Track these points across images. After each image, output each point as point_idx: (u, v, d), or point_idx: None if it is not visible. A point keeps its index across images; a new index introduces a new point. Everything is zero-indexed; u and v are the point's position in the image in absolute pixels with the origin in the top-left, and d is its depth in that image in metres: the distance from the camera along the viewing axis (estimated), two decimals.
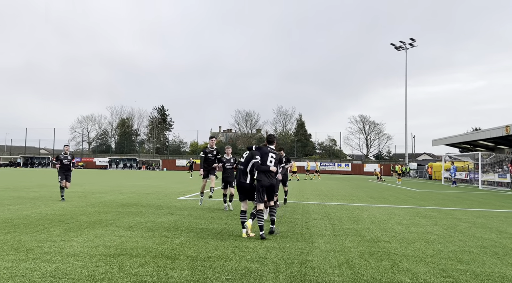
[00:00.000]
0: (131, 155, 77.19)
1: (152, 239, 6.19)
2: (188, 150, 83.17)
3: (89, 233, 6.58)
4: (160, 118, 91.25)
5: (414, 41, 58.55)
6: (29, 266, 4.55)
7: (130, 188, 17.82)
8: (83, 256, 5.02)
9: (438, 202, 14.39)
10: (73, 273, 4.32)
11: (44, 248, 5.42)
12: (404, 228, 7.99)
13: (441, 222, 8.95)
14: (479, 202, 15.00)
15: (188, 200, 12.81)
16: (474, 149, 39.21)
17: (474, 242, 6.69)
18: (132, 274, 4.33)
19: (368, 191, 19.91)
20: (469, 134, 39.80)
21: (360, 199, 14.98)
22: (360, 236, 6.96)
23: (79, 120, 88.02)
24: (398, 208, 12.00)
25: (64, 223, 7.62)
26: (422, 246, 6.18)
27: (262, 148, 6.99)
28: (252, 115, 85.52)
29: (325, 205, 12.13)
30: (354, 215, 9.78)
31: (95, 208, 10.12)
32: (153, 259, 4.99)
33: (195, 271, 4.51)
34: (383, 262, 5.14)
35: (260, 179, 6.74)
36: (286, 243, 6.20)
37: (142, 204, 11.33)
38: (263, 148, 6.97)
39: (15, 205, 10.35)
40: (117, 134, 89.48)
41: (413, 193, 19.42)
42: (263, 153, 6.86)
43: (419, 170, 56.20)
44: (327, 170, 65.40)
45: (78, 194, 14.14)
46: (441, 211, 11.41)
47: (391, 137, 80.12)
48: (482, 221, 9.41)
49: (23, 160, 72.40)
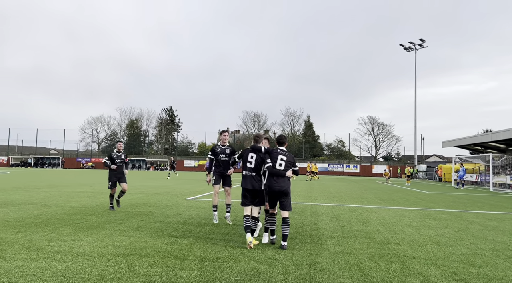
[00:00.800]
0: (140, 155, 77.70)
1: (161, 239, 6.21)
2: (196, 151, 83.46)
3: (99, 233, 6.63)
4: (168, 119, 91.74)
5: (424, 42, 58.05)
6: (40, 265, 4.59)
7: (138, 189, 17.93)
8: (93, 256, 5.05)
9: (449, 204, 14.21)
10: (83, 272, 4.34)
11: (55, 248, 5.47)
12: (414, 230, 7.89)
13: (452, 225, 8.83)
14: (491, 205, 14.77)
15: (196, 201, 12.84)
16: (485, 151, 38.68)
17: (486, 245, 6.58)
18: (141, 274, 4.34)
19: (377, 193, 19.75)
20: (480, 136, 39.28)
21: (369, 200, 14.86)
22: (369, 238, 6.89)
23: (88, 121, 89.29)
24: (408, 210, 11.88)
25: (74, 222, 7.69)
26: (433, 249, 6.10)
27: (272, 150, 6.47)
28: (260, 116, 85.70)
29: (334, 207, 12.06)
30: (363, 217, 9.70)
31: (105, 208, 10.19)
32: (162, 259, 5.00)
33: (204, 271, 4.51)
34: (393, 264, 5.08)
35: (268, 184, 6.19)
36: (295, 244, 6.16)
37: (150, 204, 11.38)
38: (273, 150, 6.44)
39: (26, 205, 10.48)
40: (126, 135, 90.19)
41: (423, 195, 19.22)
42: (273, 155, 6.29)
43: (428, 172, 55.60)
44: (335, 171, 65.08)
45: (88, 194, 14.26)
46: (451, 213, 11.27)
47: (400, 138, 79.53)
48: (494, 223, 9.27)
49: (34, 161, 73.31)
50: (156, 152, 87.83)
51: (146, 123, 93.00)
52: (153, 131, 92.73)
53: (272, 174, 6.12)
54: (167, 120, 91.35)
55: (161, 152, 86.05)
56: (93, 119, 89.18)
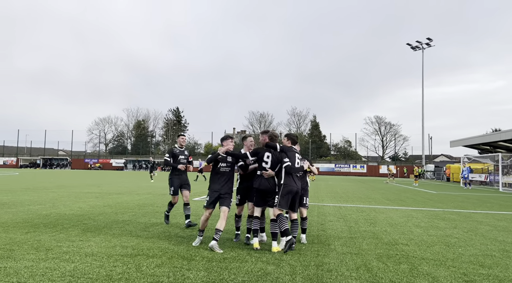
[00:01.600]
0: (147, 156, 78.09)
1: (168, 240, 6.23)
2: (202, 151, 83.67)
3: (107, 233, 6.66)
4: (175, 119, 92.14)
5: (431, 41, 57.65)
6: (48, 265, 4.62)
7: (146, 189, 18.02)
8: (101, 256, 5.08)
9: (457, 205, 14.06)
10: (91, 272, 4.37)
11: (63, 248, 5.50)
12: (422, 231, 7.82)
13: (461, 225, 8.73)
14: (500, 205, 14.59)
15: (203, 202, 12.83)
16: (494, 150, 38.23)
17: (496, 245, 6.49)
18: (148, 274, 4.35)
19: (384, 193, 19.63)
20: (488, 135, 38.82)
21: (377, 201, 14.77)
22: (377, 238, 6.84)
23: (96, 122, 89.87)
24: (416, 210, 11.78)
25: (82, 223, 7.74)
26: (442, 250, 6.04)
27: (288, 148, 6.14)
28: (266, 117, 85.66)
29: (341, 207, 12.00)
30: (370, 217, 9.64)
31: (112, 208, 10.25)
32: (169, 259, 5.01)
33: (211, 272, 4.50)
34: (402, 265, 5.04)
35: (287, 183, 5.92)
36: (302, 245, 6.14)
37: (158, 205, 11.43)
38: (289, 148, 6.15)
39: (35, 205, 10.58)
40: (133, 136, 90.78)
41: (431, 195, 19.05)
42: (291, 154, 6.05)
43: (436, 172, 55.14)
44: (342, 171, 64.82)
45: (96, 195, 14.36)
46: (460, 213, 11.15)
47: (407, 138, 78.96)
48: (504, 224, 9.15)
49: (43, 161, 74.05)
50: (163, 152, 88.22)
51: (153, 124, 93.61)
52: (160, 132, 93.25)
53: (291, 173, 5.92)
54: (173, 121, 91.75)
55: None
56: (100, 120, 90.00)
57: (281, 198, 5.84)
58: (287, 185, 5.85)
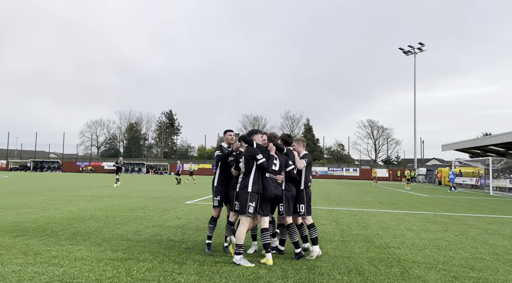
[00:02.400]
0: (139, 159, 77.65)
1: (159, 244, 6.17)
2: (195, 155, 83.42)
3: (97, 237, 6.58)
4: (168, 122, 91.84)
5: (423, 46, 58.30)
6: (37, 269, 4.55)
7: (137, 192, 17.88)
8: (91, 260, 5.01)
9: (448, 208, 14.17)
10: (80, 277, 4.31)
11: (52, 252, 5.43)
12: (414, 234, 7.86)
13: (452, 228, 8.79)
14: (490, 208, 14.74)
15: (195, 205, 12.79)
16: (484, 154, 38.66)
17: (487, 249, 6.55)
18: (139, 278, 4.31)
19: (376, 197, 19.71)
20: (479, 139, 39.30)
21: (369, 204, 14.82)
22: (369, 242, 6.86)
23: (88, 125, 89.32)
24: (408, 213, 11.84)
25: (72, 226, 7.64)
26: (433, 253, 6.07)
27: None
28: (260, 120, 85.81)
29: (333, 210, 12.02)
30: (362, 221, 9.66)
31: (103, 212, 10.15)
32: (160, 263, 4.96)
33: (202, 276, 4.47)
34: (393, 268, 5.05)
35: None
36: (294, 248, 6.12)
37: (149, 208, 11.34)
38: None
39: (24, 209, 10.43)
40: (126, 139, 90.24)
41: (423, 199, 19.18)
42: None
43: (428, 175, 55.57)
44: (335, 175, 65.01)
45: (87, 198, 14.21)
46: (451, 217, 11.23)
47: (399, 142, 79.87)
48: (494, 227, 9.23)
49: (33, 164, 73.18)
50: (155, 155, 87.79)
51: (146, 126, 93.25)
52: (153, 135, 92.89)
53: (293, 178, 5.60)
54: (166, 124, 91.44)
55: (161, 156, 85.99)
56: (92, 122, 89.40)
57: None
58: (289, 191, 5.58)
